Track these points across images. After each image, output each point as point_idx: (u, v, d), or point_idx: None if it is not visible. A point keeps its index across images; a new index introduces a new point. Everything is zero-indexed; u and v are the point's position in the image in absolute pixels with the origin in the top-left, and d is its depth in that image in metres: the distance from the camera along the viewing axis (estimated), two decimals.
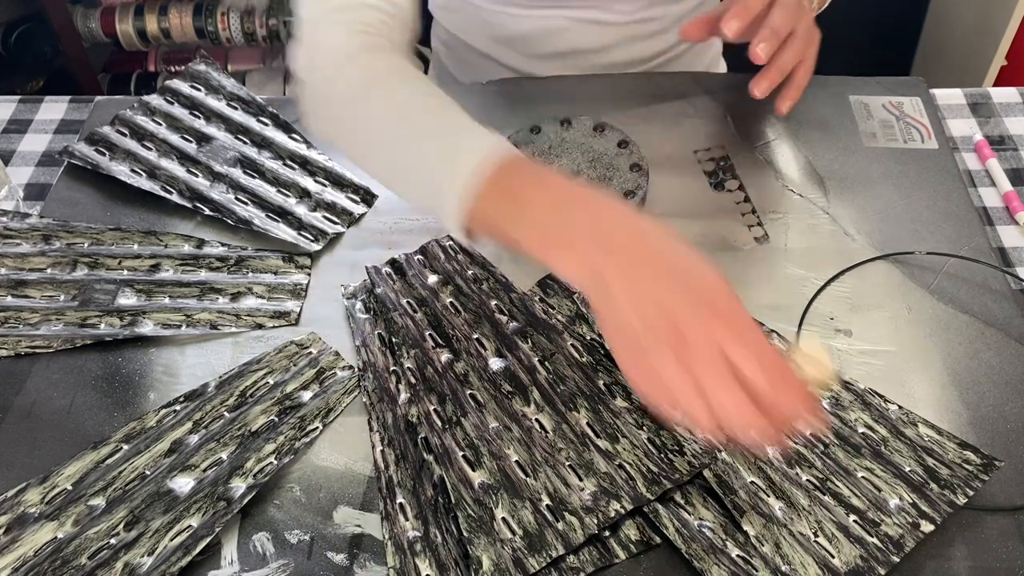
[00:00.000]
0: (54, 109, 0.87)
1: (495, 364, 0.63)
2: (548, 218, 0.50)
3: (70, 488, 0.58)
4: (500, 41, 0.93)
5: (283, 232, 0.73)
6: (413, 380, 0.62)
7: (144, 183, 0.76)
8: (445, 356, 0.63)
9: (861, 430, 0.58)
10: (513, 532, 0.54)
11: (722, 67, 1.05)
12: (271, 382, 0.64)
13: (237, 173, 0.77)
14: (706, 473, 0.56)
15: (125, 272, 0.71)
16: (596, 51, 0.90)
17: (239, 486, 0.57)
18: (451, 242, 0.72)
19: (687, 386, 0.45)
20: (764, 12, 0.72)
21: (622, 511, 0.54)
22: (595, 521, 0.54)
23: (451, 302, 0.67)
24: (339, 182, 0.77)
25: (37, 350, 0.65)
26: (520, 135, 0.76)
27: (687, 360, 0.45)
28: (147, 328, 0.66)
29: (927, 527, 0.53)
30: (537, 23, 0.89)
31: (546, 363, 0.63)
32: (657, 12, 0.88)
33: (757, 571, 0.52)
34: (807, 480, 0.56)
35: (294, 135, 0.81)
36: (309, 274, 0.71)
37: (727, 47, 1.05)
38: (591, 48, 0.90)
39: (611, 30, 0.89)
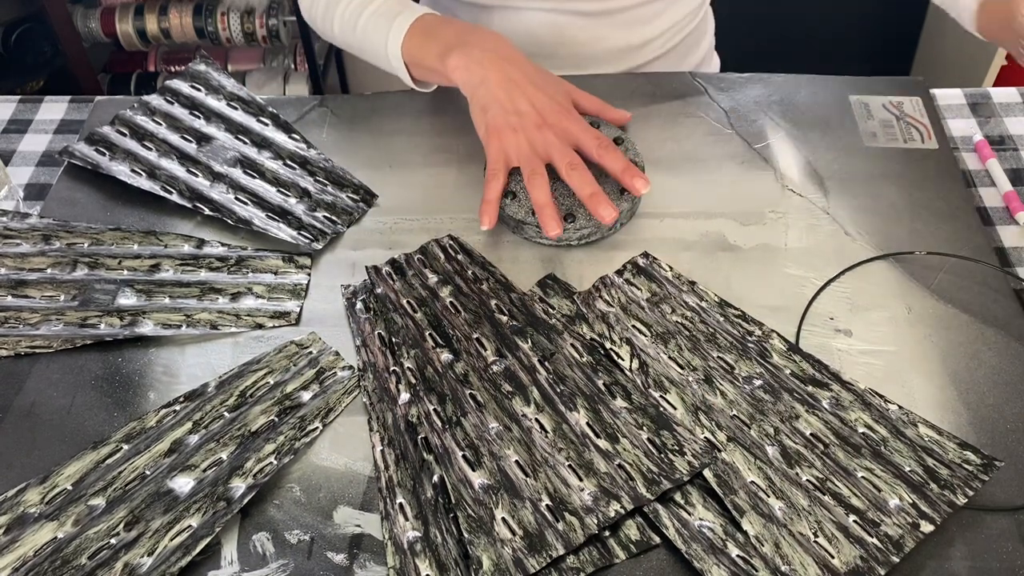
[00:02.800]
0: (54, 109, 0.87)
1: (495, 364, 0.63)
2: (450, 39, 0.71)
3: (70, 488, 0.58)
4: None
5: (283, 232, 0.73)
6: (413, 380, 0.62)
7: (144, 183, 0.76)
8: (445, 356, 0.63)
9: (861, 430, 0.58)
10: (513, 532, 0.54)
11: (715, 61, 1.05)
12: (271, 382, 0.64)
13: (237, 173, 0.77)
14: (706, 473, 0.56)
15: (125, 272, 0.71)
16: (584, 43, 0.90)
17: (239, 486, 0.57)
18: (451, 242, 0.72)
19: (537, 162, 0.66)
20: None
21: (622, 511, 0.54)
22: (595, 521, 0.54)
23: (451, 302, 0.67)
24: (339, 182, 0.77)
25: (37, 350, 0.65)
26: None
27: (545, 141, 0.67)
28: (147, 328, 0.66)
29: (927, 527, 0.53)
30: (519, 19, 0.90)
31: (546, 363, 0.63)
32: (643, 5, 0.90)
33: (757, 571, 0.52)
34: (807, 480, 0.56)
35: (294, 135, 0.81)
36: (309, 274, 0.71)
37: (719, 41, 1.06)
38: (579, 40, 0.90)
39: (597, 20, 0.89)
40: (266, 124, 0.82)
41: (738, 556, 0.53)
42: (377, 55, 0.79)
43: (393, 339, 0.65)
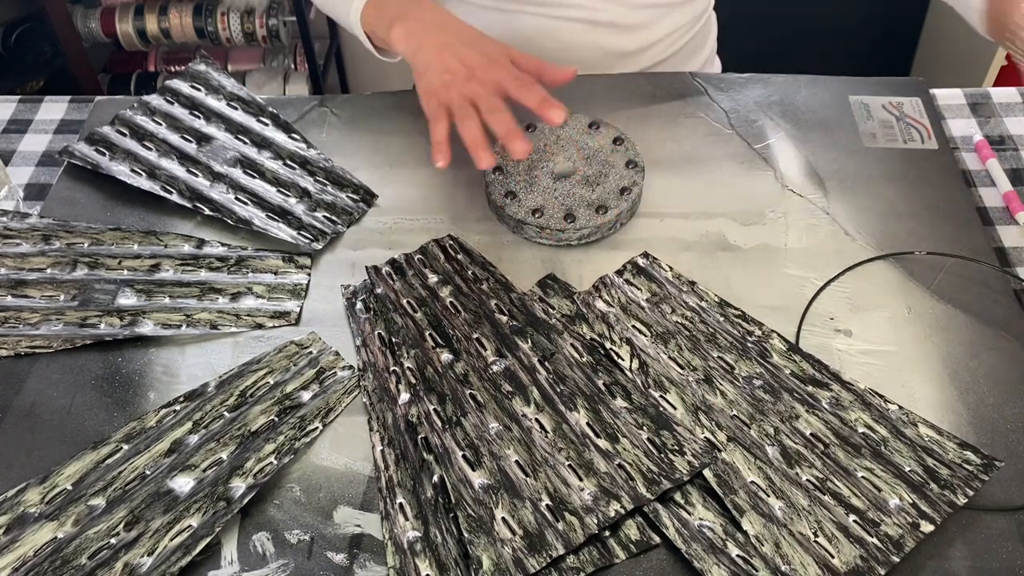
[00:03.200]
0: (54, 109, 0.87)
1: (495, 364, 0.63)
2: (394, 12, 0.76)
3: (70, 488, 0.58)
4: None
5: (283, 232, 0.73)
6: (413, 380, 0.62)
7: (144, 183, 0.76)
8: (445, 356, 0.63)
9: (861, 430, 0.58)
10: (513, 532, 0.54)
11: (717, 66, 1.05)
12: (271, 382, 0.64)
13: (237, 173, 0.77)
14: (706, 473, 0.56)
15: (125, 272, 0.71)
16: (581, 47, 0.90)
17: (239, 486, 0.57)
18: (451, 242, 0.72)
19: (467, 107, 0.69)
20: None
21: (622, 511, 0.54)
22: (595, 521, 0.54)
23: (451, 302, 0.67)
24: (339, 182, 0.77)
25: (37, 350, 0.65)
26: None
27: (472, 91, 0.69)
28: (147, 328, 0.66)
29: (927, 527, 0.53)
30: (518, 23, 0.90)
31: (546, 363, 0.63)
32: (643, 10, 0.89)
33: (757, 571, 0.52)
34: (807, 480, 0.56)
35: (294, 135, 0.81)
36: (309, 274, 0.71)
37: (721, 45, 1.05)
38: (576, 45, 0.90)
39: (593, 26, 0.89)
40: (266, 124, 0.82)
41: (738, 556, 0.53)
42: (346, 24, 0.81)
43: (393, 339, 0.65)
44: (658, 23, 0.91)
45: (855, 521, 0.54)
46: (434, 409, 0.60)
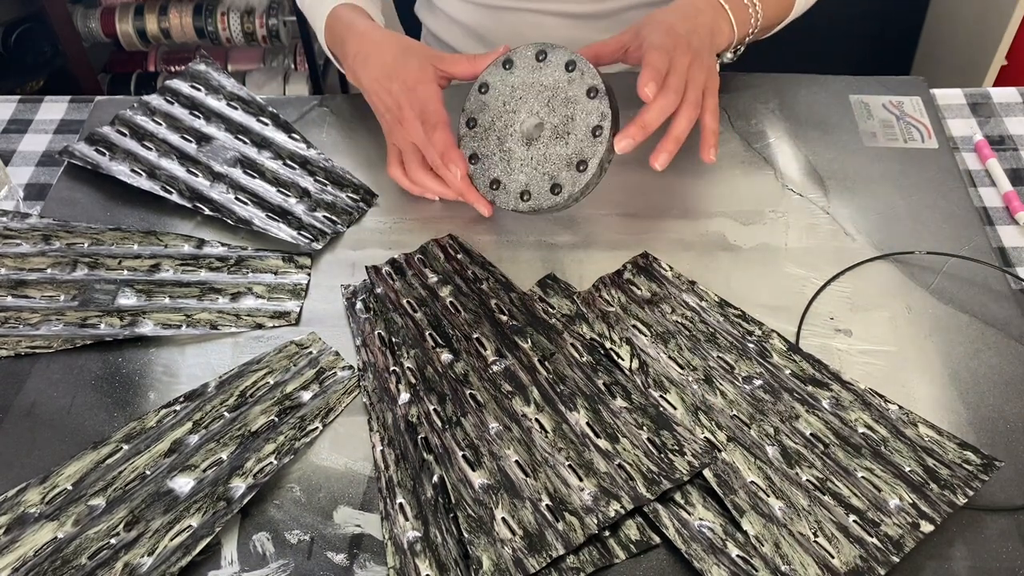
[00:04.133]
0: (54, 109, 0.87)
1: (495, 364, 0.63)
2: (340, 42, 0.78)
3: (70, 488, 0.58)
4: (484, 42, 0.95)
5: (283, 232, 0.73)
6: (413, 380, 0.62)
7: (144, 183, 0.76)
8: (445, 356, 0.63)
9: (861, 430, 0.58)
10: (513, 532, 0.54)
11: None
12: (271, 382, 0.64)
13: (237, 173, 0.77)
14: (706, 473, 0.56)
15: (125, 272, 0.71)
16: (577, 44, 0.90)
17: (239, 486, 0.57)
18: (451, 242, 0.72)
19: (414, 155, 0.73)
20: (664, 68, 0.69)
21: (622, 511, 0.54)
22: (595, 521, 0.54)
23: (451, 302, 0.67)
24: (339, 182, 0.77)
25: (37, 350, 0.65)
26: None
27: (405, 139, 0.73)
28: (147, 328, 0.66)
29: (927, 527, 0.53)
30: (515, 20, 0.90)
31: (546, 363, 0.63)
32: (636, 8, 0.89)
33: (757, 571, 0.52)
34: (807, 480, 0.56)
35: (294, 135, 0.81)
36: (309, 274, 0.71)
37: None
38: (570, 41, 0.90)
39: (588, 22, 0.89)
40: (266, 124, 0.82)
41: (738, 556, 0.53)
42: (320, 35, 0.83)
43: (393, 339, 0.65)
44: (635, 15, 0.90)
45: (855, 521, 0.54)
46: (434, 409, 0.60)
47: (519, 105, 0.72)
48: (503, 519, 0.54)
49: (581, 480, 0.56)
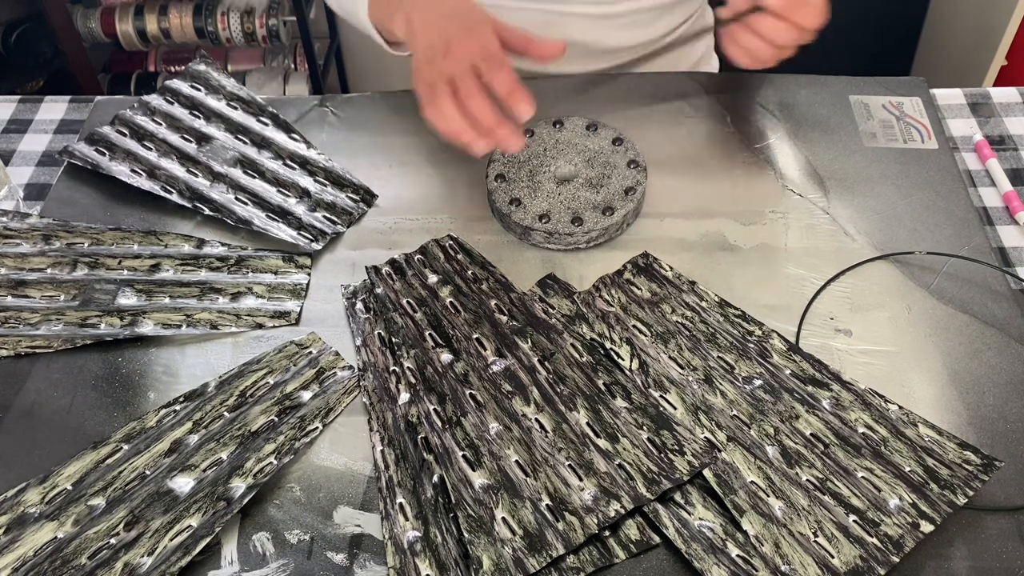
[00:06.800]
0: (54, 109, 0.87)
1: (495, 364, 0.63)
2: (395, 2, 0.74)
3: (70, 488, 0.58)
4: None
5: (283, 232, 0.73)
6: (413, 380, 0.62)
7: (144, 183, 0.76)
8: (445, 356, 0.63)
9: (861, 430, 0.58)
10: (513, 532, 0.54)
11: (714, 61, 1.05)
12: (271, 382, 0.64)
13: (237, 173, 0.77)
14: (706, 473, 0.56)
15: (125, 272, 0.71)
16: (582, 43, 0.90)
17: (239, 486, 0.57)
18: (451, 242, 0.72)
19: (442, 87, 0.66)
20: None
21: (622, 511, 0.54)
22: (595, 521, 0.54)
23: (451, 302, 0.67)
24: (339, 182, 0.77)
25: (37, 350, 0.65)
26: None
27: (447, 67, 0.67)
28: (147, 328, 0.66)
29: (927, 527, 0.53)
30: (515, 19, 0.90)
31: (546, 363, 0.63)
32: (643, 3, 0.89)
33: (757, 571, 0.52)
34: (807, 480, 0.56)
35: (294, 135, 0.81)
36: (309, 274, 0.71)
37: (719, 41, 1.05)
38: (580, 40, 0.90)
39: (596, 21, 0.89)
40: (266, 124, 0.82)
41: (738, 556, 0.53)
42: (356, 20, 0.81)
43: (393, 339, 0.65)
44: (660, 19, 0.91)
45: (855, 521, 0.54)
46: (434, 409, 0.60)
47: (559, 155, 0.76)
48: (503, 519, 0.54)
49: (581, 480, 0.56)
